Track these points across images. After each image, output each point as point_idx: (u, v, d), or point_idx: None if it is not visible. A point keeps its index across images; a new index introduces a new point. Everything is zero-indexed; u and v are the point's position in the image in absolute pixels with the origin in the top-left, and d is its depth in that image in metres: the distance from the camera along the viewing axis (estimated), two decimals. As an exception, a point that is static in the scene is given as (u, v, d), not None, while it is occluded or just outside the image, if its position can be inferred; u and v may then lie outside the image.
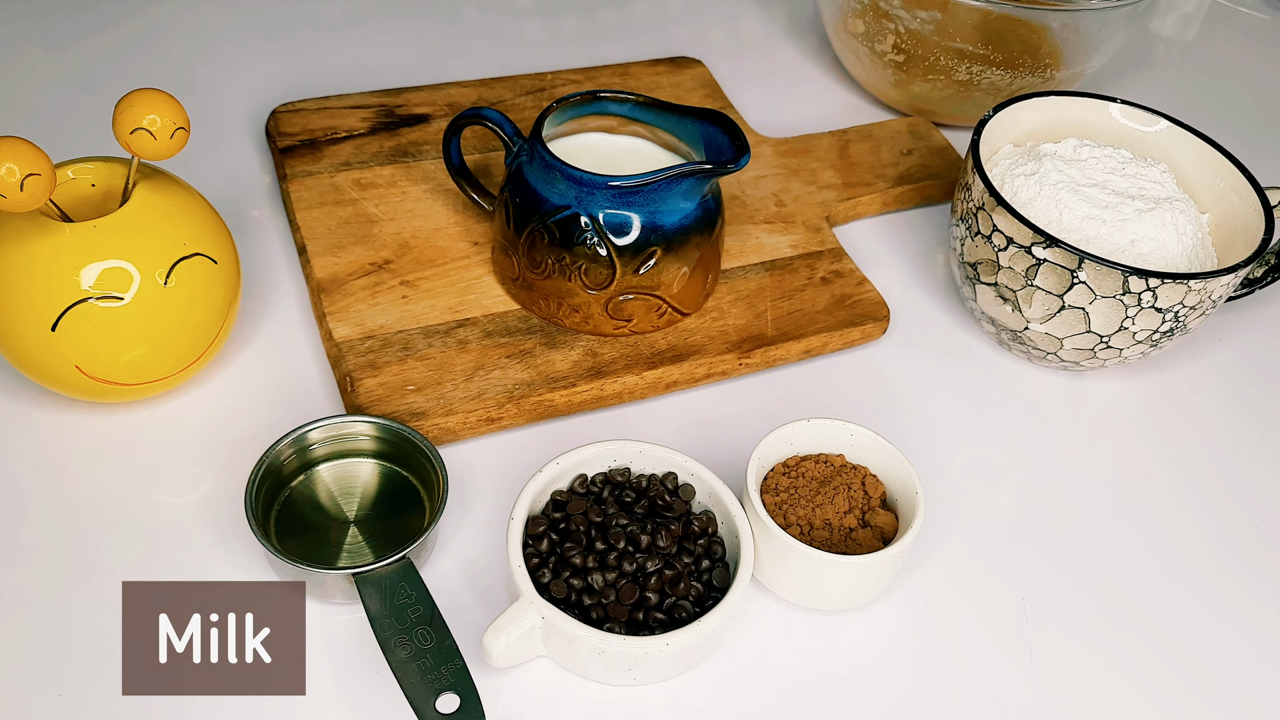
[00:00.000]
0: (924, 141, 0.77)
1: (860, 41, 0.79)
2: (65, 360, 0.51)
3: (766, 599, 0.52)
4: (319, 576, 0.48)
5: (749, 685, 0.49)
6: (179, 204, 0.53)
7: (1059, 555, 0.56)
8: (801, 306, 0.64)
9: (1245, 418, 0.64)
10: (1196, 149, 0.66)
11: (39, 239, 0.49)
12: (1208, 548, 0.57)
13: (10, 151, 0.45)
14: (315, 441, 0.53)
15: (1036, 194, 0.62)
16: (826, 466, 0.53)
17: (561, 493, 0.51)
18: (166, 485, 0.54)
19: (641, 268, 0.58)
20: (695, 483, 0.52)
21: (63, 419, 0.55)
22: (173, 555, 0.51)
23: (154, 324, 0.51)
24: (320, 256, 0.62)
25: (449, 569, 0.52)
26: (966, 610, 0.53)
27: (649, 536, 0.49)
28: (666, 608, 0.48)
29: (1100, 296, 0.57)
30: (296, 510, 0.52)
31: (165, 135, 0.50)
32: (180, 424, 0.56)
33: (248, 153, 0.71)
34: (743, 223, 0.68)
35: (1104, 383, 0.65)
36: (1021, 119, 0.67)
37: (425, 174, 0.68)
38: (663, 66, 0.80)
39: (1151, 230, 0.61)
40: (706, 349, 0.61)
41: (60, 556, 0.50)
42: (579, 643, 0.46)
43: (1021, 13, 0.74)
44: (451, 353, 0.58)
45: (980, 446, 0.61)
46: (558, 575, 0.48)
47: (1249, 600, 0.55)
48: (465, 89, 0.75)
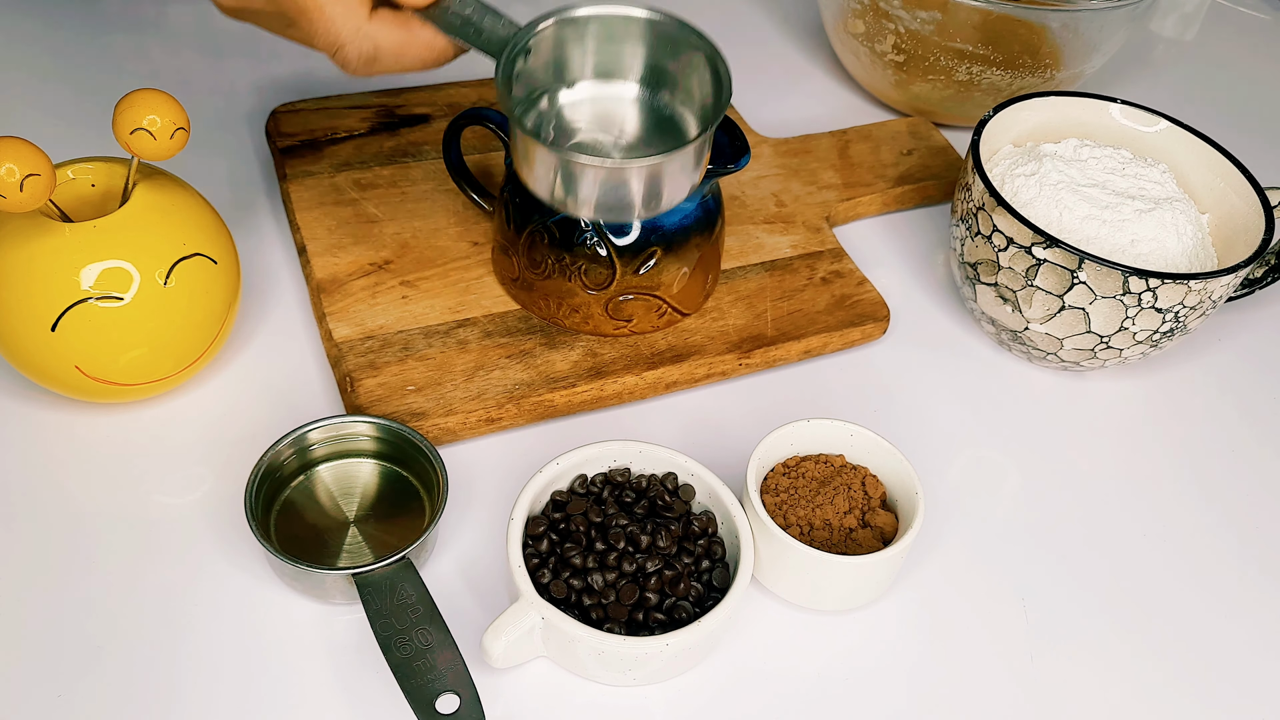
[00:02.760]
0: (924, 142, 0.77)
1: (860, 41, 0.79)
2: (65, 360, 0.51)
3: (766, 599, 0.52)
4: (319, 577, 0.48)
5: (749, 686, 0.49)
6: (179, 204, 0.53)
7: (1059, 555, 0.56)
8: (801, 307, 0.64)
9: (1246, 418, 0.64)
10: (1197, 149, 0.66)
11: (39, 239, 0.49)
12: (1208, 548, 0.57)
13: (10, 151, 0.45)
14: (315, 442, 0.53)
15: (1036, 194, 0.62)
16: (826, 467, 0.53)
17: (561, 493, 0.51)
18: (166, 485, 0.54)
19: (641, 268, 0.58)
20: (695, 483, 0.52)
21: (62, 419, 0.55)
22: (172, 556, 0.51)
23: (154, 324, 0.51)
24: (320, 256, 0.62)
25: (449, 569, 0.52)
26: (966, 611, 0.53)
27: (649, 537, 0.49)
28: (666, 608, 0.48)
29: (1100, 297, 0.57)
30: (296, 510, 0.52)
31: (165, 135, 0.50)
32: (180, 424, 0.56)
33: (248, 153, 0.71)
34: (743, 223, 0.68)
35: (1104, 383, 0.65)
36: (1021, 119, 0.67)
37: (425, 174, 0.68)
38: (663, 66, 0.80)
39: (1151, 230, 0.61)
40: (706, 349, 0.61)
41: (60, 557, 0.50)
42: (579, 643, 0.46)
43: (1021, 13, 0.74)
44: (451, 353, 0.58)
45: (980, 447, 0.61)
46: (558, 575, 0.48)
47: (1249, 599, 0.55)
48: (465, 89, 0.75)
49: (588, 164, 0.48)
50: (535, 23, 0.49)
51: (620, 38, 0.51)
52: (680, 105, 0.53)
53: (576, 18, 0.50)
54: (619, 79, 0.53)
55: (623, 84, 0.53)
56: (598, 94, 0.53)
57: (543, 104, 0.52)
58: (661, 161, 0.48)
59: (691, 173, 0.50)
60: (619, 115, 0.53)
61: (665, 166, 0.48)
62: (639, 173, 0.48)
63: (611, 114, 0.53)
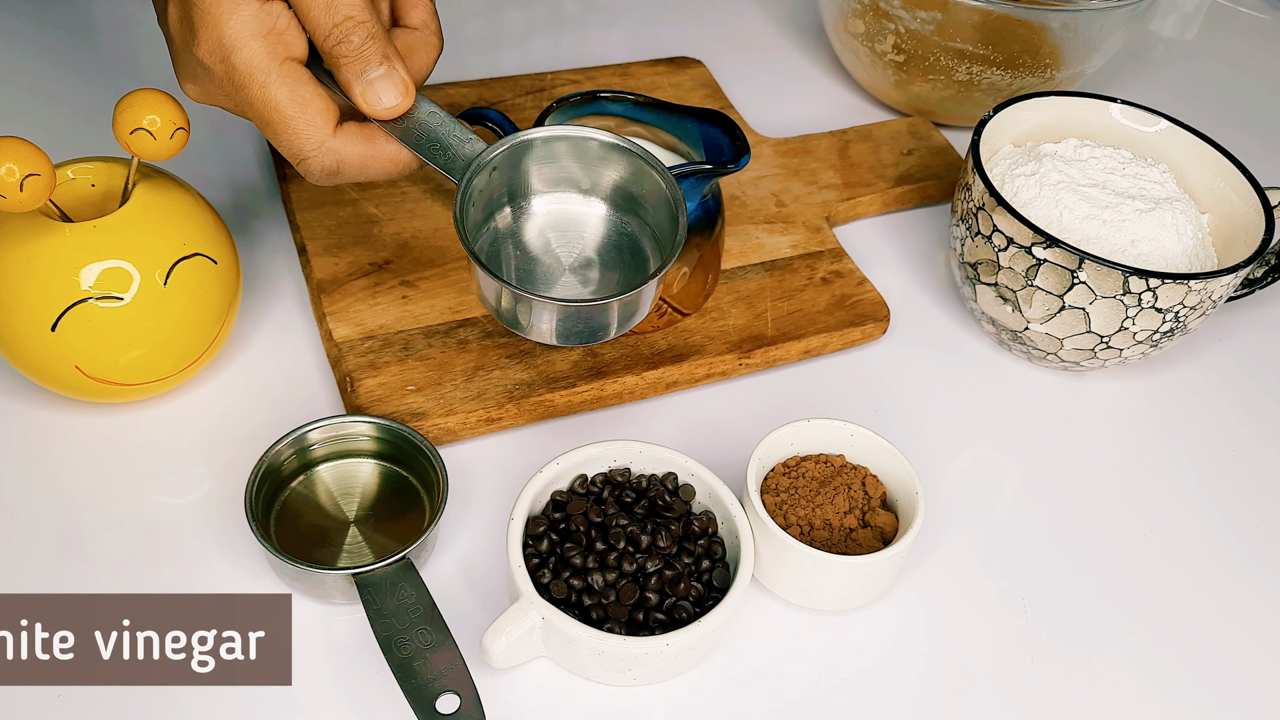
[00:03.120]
0: (924, 142, 0.77)
1: (860, 41, 0.79)
2: (65, 360, 0.50)
3: (766, 599, 0.52)
4: (319, 577, 0.48)
5: (749, 686, 0.49)
6: (179, 204, 0.53)
7: (1059, 555, 0.56)
8: (801, 307, 0.64)
9: (1246, 418, 0.64)
10: (1197, 149, 0.66)
11: (39, 239, 0.49)
12: (1209, 547, 0.57)
13: (10, 151, 0.45)
14: (315, 442, 0.53)
15: (1036, 194, 0.62)
16: (827, 467, 0.53)
17: (561, 493, 0.51)
18: (166, 485, 0.54)
19: (641, 268, 0.58)
20: (695, 483, 0.52)
21: (62, 419, 0.55)
22: (172, 556, 0.51)
23: (154, 324, 0.51)
24: (320, 256, 0.62)
25: (449, 569, 0.52)
26: (967, 610, 0.53)
27: (649, 537, 0.49)
28: (666, 608, 0.48)
29: (1100, 297, 0.57)
30: (296, 511, 0.52)
31: (165, 135, 0.50)
32: (180, 424, 0.56)
33: (248, 153, 0.71)
34: (743, 223, 0.68)
35: (1104, 383, 0.65)
36: (1021, 119, 0.67)
37: (425, 174, 0.68)
38: (662, 66, 0.80)
39: (1152, 230, 0.61)
40: (707, 349, 0.61)
41: (60, 556, 0.50)
42: (579, 643, 0.46)
43: (1021, 13, 0.74)
44: (451, 353, 0.58)
45: (980, 446, 0.61)
46: (558, 575, 0.48)
47: (1249, 598, 0.55)
48: (465, 89, 0.75)
49: (534, 298, 0.47)
50: (496, 145, 0.49)
51: (579, 158, 0.52)
52: (638, 225, 0.53)
53: (538, 139, 0.50)
54: (578, 195, 0.53)
55: (583, 199, 0.53)
56: (556, 209, 0.53)
57: (502, 217, 0.52)
58: (607, 305, 0.48)
59: (640, 308, 0.50)
60: (578, 232, 0.53)
61: (609, 308, 0.49)
62: (579, 310, 0.48)
63: (570, 231, 0.53)
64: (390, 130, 0.49)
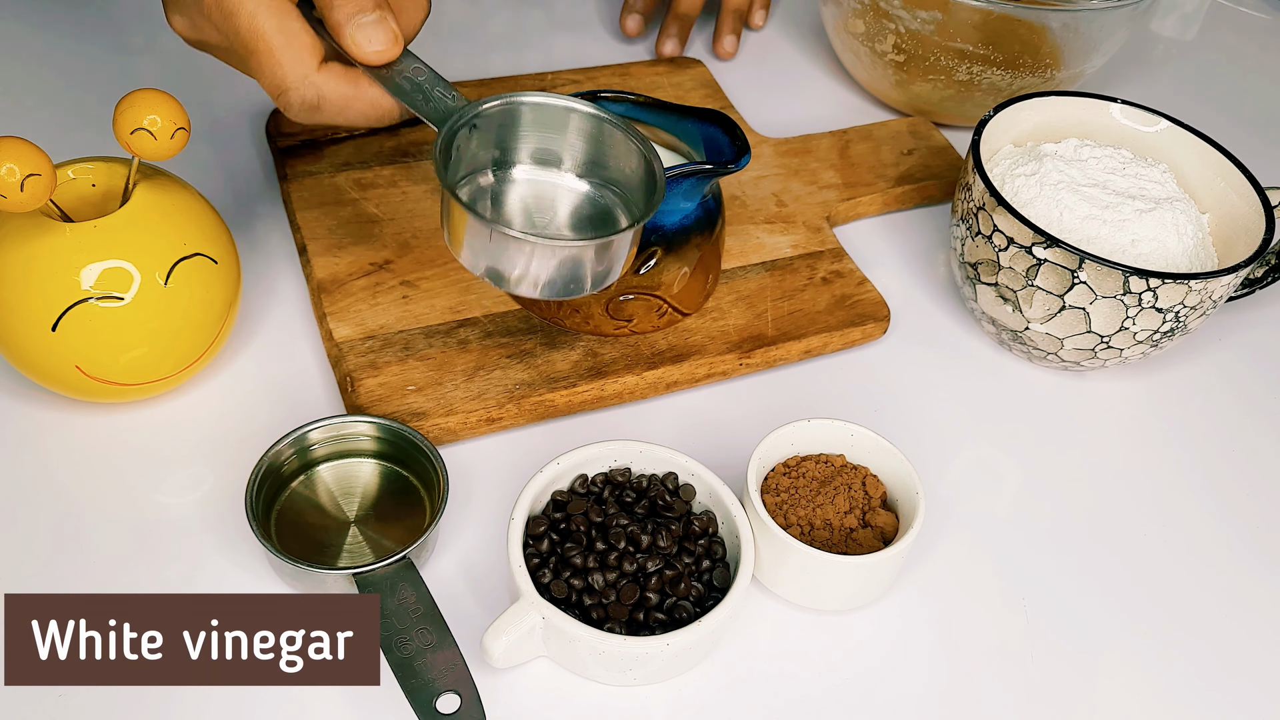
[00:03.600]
0: (924, 141, 0.77)
1: (860, 41, 0.79)
2: (65, 360, 0.50)
3: (767, 599, 0.52)
4: (319, 577, 0.48)
5: (749, 685, 0.49)
6: (179, 204, 0.53)
7: (1060, 555, 0.56)
8: (802, 306, 0.64)
9: (1246, 418, 0.64)
10: (1197, 149, 0.66)
11: (39, 239, 0.49)
12: (1209, 547, 0.57)
13: (10, 151, 0.45)
14: (315, 441, 0.53)
15: (1037, 194, 0.62)
16: (827, 466, 0.53)
17: (562, 493, 0.51)
18: (166, 485, 0.54)
19: (642, 268, 0.58)
20: (696, 483, 0.52)
21: (63, 419, 0.55)
22: (173, 556, 0.51)
23: (154, 324, 0.51)
24: (320, 256, 0.62)
25: (449, 569, 0.52)
26: (967, 610, 0.53)
27: (649, 536, 0.49)
28: (667, 608, 0.48)
29: (1101, 297, 0.57)
30: (297, 510, 0.52)
31: (165, 135, 0.50)
32: (180, 424, 0.56)
33: (248, 153, 0.71)
34: (743, 223, 0.68)
35: (1104, 383, 0.65)
36: (1022, 119, 0.67)
37: (425, 174, 0.68)
38: (663, 66, 0.80)
39: (1152, 230, 0.61)
40: (707, 349, 0.61)
41: (60, 556, 0.50)
42: (579, 643, 0.46)
43: (1022, 13, 0.74)
44: (452, 353, 0.58)
45: (980, 446, 0.61)
46: (558, 575, 0.48)
47: (1250, 598, 0.55)
48: (465, 89, 0.75)
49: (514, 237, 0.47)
50: (481, 101, 0.50)
51: (563, 127, 0.52)
52: (615, 199, 0.53)
53: (523, 103, 0.51)
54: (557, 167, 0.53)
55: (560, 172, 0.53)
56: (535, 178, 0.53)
57: (479, 182, 0.52)
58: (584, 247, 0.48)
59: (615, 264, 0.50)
60: (553, 202, 0.53)
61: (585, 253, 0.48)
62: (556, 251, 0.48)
63: (546, 200, 0.53)
64: (375, 77, 0.49)
